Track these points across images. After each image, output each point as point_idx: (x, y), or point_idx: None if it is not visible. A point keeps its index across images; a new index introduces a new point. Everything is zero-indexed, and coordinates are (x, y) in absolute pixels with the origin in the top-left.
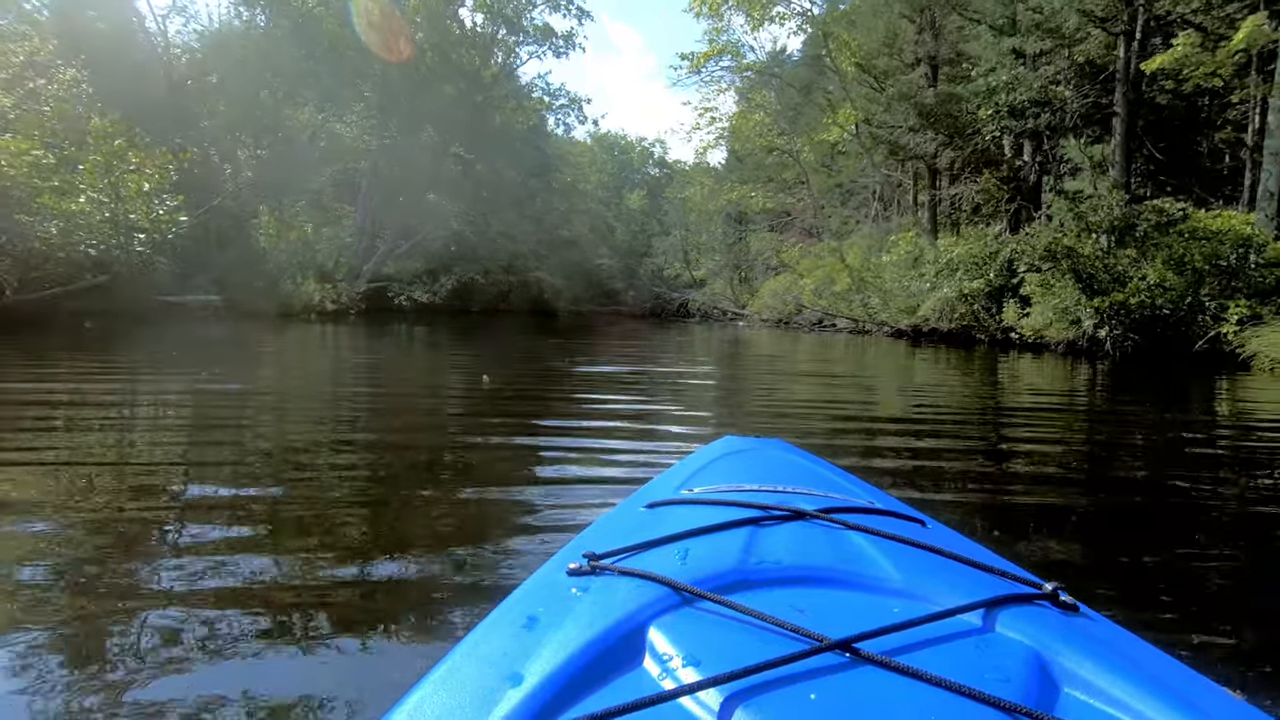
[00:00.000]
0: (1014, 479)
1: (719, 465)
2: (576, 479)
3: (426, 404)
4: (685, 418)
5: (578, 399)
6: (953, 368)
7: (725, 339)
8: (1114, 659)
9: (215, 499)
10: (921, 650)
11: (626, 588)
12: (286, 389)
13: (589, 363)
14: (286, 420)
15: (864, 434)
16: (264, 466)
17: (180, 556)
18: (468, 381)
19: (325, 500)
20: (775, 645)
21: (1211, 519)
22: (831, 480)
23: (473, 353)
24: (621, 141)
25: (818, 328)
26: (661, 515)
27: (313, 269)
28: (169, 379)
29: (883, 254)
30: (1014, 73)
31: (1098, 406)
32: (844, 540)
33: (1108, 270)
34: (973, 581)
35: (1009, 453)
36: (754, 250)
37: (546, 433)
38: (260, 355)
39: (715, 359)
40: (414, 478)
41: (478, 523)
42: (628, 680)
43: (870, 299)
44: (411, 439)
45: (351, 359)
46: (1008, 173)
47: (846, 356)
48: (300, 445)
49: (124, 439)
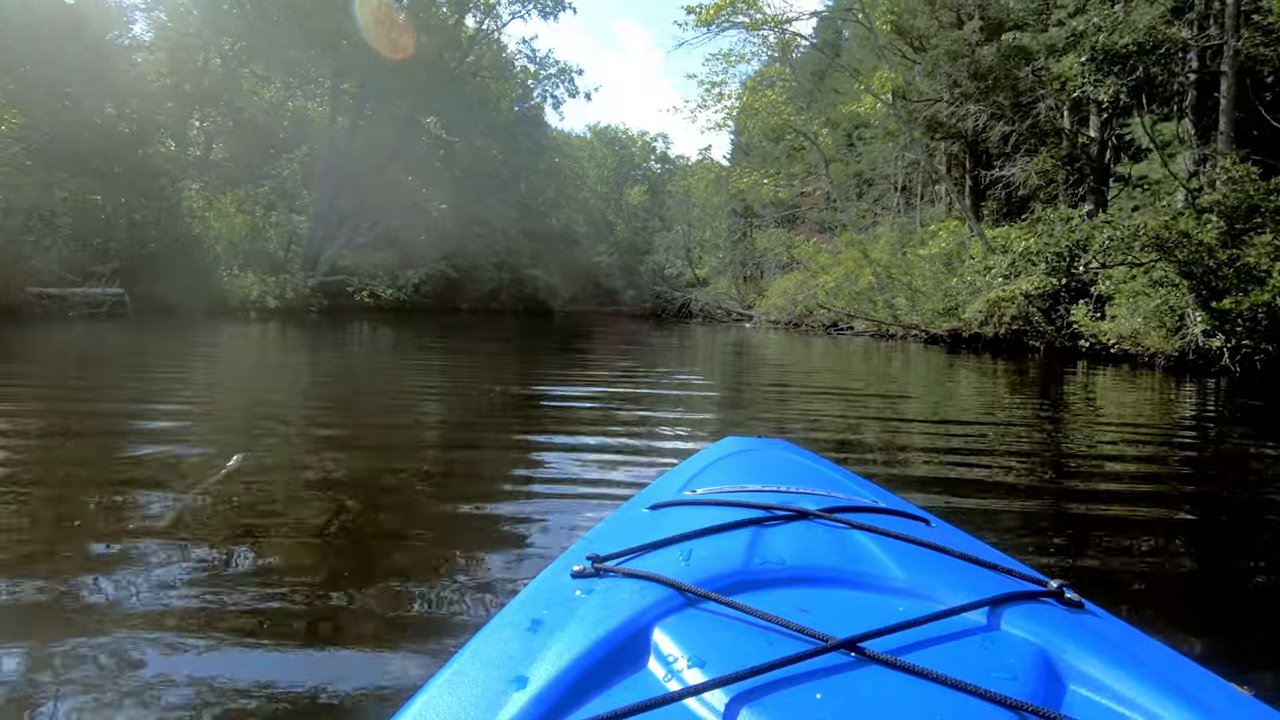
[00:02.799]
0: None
1: (722, 466)
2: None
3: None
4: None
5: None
6: (1023, 385)
7: (729, 343)
8: (1120, 656)
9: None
10: (927, 649)
11: (630, 589)
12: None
13: (544, 380)
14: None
15: (932, 483)
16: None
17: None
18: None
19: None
20: (780, 645)
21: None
22: (835, 480)
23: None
24: (623, 135)
25: (833, 331)
26: (665, 516)
27: (264, 260)
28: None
29: (908, 249)
30: (1108, 13)
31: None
32: (848, 540)
33: (1231, 264)
34: (978, 580)
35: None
36: (761, 247)
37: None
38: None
39: (717, 370)
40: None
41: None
42: (633, 682)
43: (895, 299)
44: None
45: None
46: (1070, 150)
47: (877, 367)
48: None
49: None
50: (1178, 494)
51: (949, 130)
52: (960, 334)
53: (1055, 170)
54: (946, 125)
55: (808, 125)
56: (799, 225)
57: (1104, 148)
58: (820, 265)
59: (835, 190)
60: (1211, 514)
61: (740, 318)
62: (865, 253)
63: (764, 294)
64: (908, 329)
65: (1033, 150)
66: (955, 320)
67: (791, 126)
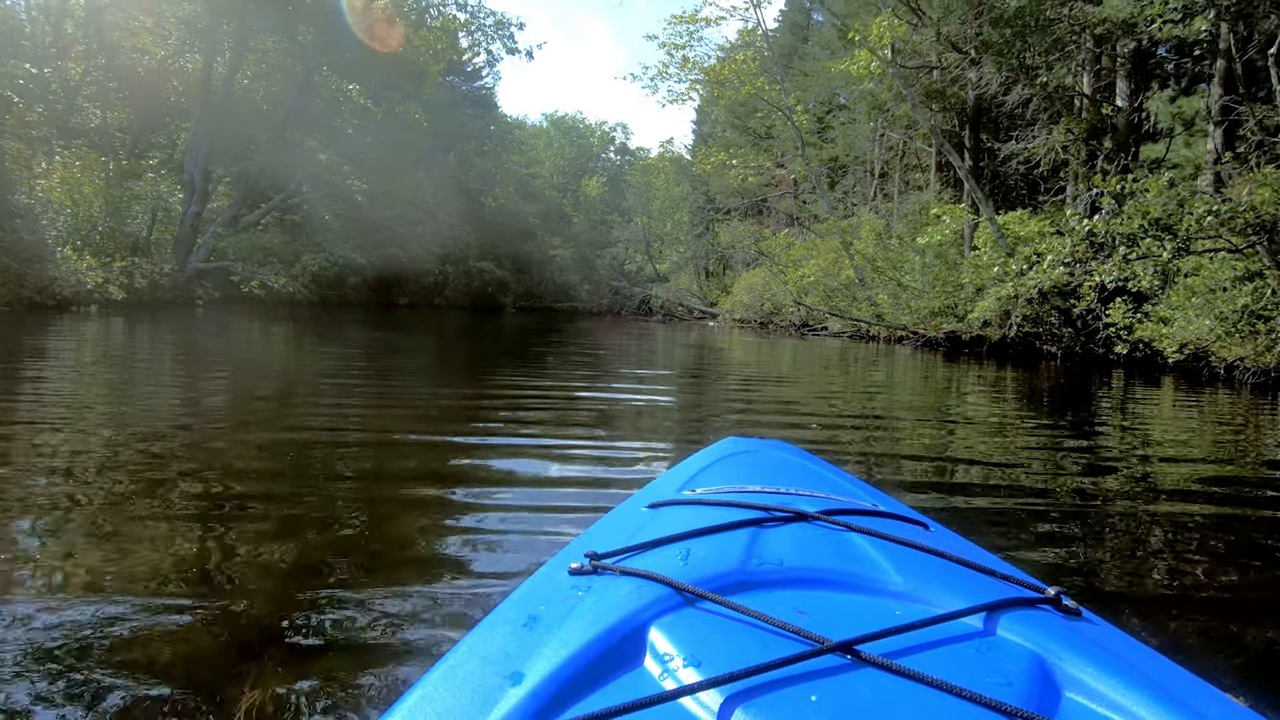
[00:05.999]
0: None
1: (721, 466)
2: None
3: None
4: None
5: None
6: (1064, 405)
7: (689, 344)
8: (1116, 664)
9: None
10: (923, 653)
11: (628, 588)
12: None
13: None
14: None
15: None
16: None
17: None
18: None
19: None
20: (776, 646)
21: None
22: (834, 482)
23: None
24: (580, 125)
25: (805, 331)
26: (663, 515)
27: (125, 241)
28: None
29: (895, 239)
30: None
31: None
32: (846, 542)
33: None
34: (975, 585)
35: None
36: (725, 241)
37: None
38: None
39: (677, 380)
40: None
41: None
42: (628, 680)
43: (879, 296)
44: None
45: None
46: (1093, 123)
47: (859, 378)
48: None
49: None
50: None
51: (951, 101)
52: (960, 337)
53: (1076, 146)
54: (948, 95)
55: (782, 98)
56: (765, 218)
57: (1134, 120)
58: (791, 259)
59: (812, 173)
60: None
61: (703, 316)
62: (847, 243)
63: (728, 291)
64: (894, 330)
65: (1054, 120)
66: (953, 321)
67: (764, 99)
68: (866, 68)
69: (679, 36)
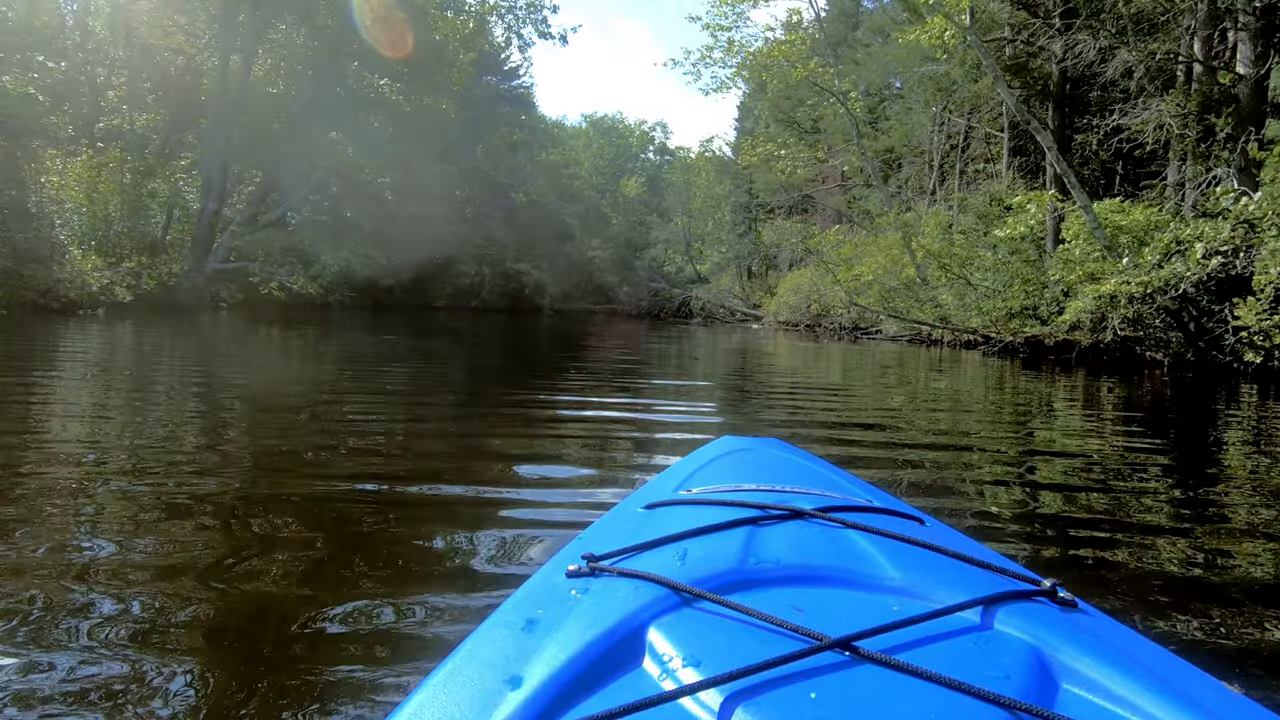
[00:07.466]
0: None
1: (717, 465)
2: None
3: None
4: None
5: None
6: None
7: (731, 348)
8: (1113, 654)
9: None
10: (921, 648)
11: (625, 589)
12: None
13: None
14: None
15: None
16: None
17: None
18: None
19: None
20: (775, 645)
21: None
22: (830, 479)
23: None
24: (620, 125)
25: (857, 333)
26: (660, 516)
27: (141, 241)
28: None
29: (965, 231)
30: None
31: None
32: (843, 539)
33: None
34: (971, 579)
35: None
36: (769, 240)
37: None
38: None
39: (720, 396)
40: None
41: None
42: (628, 681)
43: (943, 296)
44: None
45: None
46: (1206, 95)
47: (924, 390)
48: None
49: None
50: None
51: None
52: (1042, 341)
53: (1186, 123)
54: (1030, 68)
55: (834, 83)
56: (812, 215)
57: (1259, 89)
58: (841, 258)
59: (868, 164)
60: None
61: (745, 318)
62: (908, 239)
63: (772, 292)
64: (961, 334)
65: (1160, 93)
66: (1036, 324)
67: (817, 83)
68: (940, 37)
69: (724, 17)
